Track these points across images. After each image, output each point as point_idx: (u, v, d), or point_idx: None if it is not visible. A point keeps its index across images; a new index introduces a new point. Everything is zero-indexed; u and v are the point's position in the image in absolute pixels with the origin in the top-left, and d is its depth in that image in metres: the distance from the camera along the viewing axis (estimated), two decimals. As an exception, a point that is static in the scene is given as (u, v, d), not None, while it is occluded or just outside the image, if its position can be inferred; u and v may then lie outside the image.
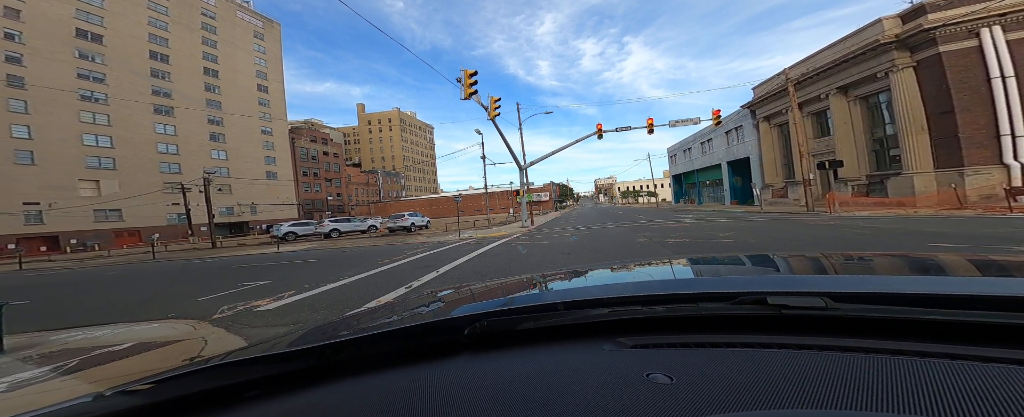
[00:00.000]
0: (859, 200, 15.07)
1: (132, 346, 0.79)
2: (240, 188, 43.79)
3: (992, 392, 0.31)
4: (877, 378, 0.35)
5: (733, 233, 8.45)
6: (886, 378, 0.35)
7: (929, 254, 0.92)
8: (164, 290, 5.95)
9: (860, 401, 0.32)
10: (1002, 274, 0.67)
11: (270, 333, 0.87)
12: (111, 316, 4.21)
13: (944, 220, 8.59)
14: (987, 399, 0.30)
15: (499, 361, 0.51)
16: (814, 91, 18.48)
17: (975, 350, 0.39)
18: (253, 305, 4.07)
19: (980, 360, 0.37)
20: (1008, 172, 12.15)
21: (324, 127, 76.37)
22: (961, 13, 12.47)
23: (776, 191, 22.52)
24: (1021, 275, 0.65)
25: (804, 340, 0.45)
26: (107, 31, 34.77)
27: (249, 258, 11.22)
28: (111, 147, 34.66)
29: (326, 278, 5.65)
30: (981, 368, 0.35)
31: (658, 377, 0.40)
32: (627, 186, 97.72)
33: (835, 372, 0.37)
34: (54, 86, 31.10)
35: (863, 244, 5.87)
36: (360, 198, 67.14)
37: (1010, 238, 5.37)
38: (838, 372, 0.37)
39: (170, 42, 39.27)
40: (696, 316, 0.55)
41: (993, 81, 12.36)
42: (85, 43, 33.46)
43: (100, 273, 9.80)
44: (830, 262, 0.91)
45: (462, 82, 12.91)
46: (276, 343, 0.61)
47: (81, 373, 0.57)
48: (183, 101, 39.84)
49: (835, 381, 0.35)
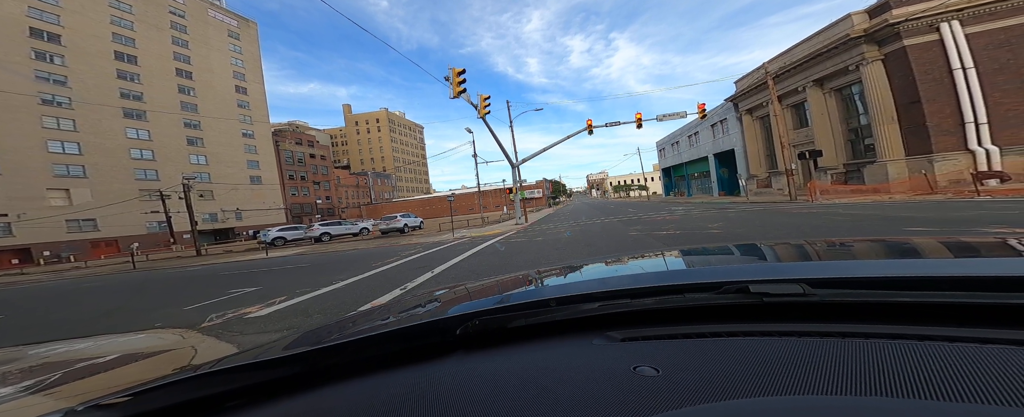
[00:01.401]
0: (838, 188, 15.65)
1: (117, 358, 0.76)
2: (223, 193, 42.33)
3: (960, 370, 0.32)
4: (851, 361, 0.36)
5: (721, 224, 8.67)
6: (859, 361, 0.36)
7: (903, 238, 0.95)
8: (148, 300, 5.74)
9: (835, 385, 0.32)
10: (970, 255, 0.70)
11: (263, 339, 0.86)
12: (93, 328, 4.05)
13: (917, 205, 8.99)
14: (956, 377, 0.31)
15: (490, 359, 0.51)
16: (792, 84, 19.05)
17: (945, 331, 0.40)
18: (243, 312, 3.98)
19: (949, 340, 0.37)
20: (974, 157, 12.83)
21: (310, 129, 74.42)
22: (921, 8, 13.13)
23: (761, 181, 23.19)
24: (988, 255, 0.67)
25: (785, 327, 0.46)
26: (65, 30, 32.80)
27: (237, 265, 10.91)
28: (79, 154, 32.92)
29: (318, 282, 5.56)
30: (950, 348, 0.36)
31: (645, 369, 0.41)
32: (618, 180, 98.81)
33: (812, 358, 0.38)
34: (10, 90, 29.22)
35: (843, 230, 6.09)
36: (350, 200, 65.87)
37: (978, 220, 5.64)
38: (815, 357, 0.38)
39: (137, 42, 37.38)
40: (683, 307, 0.56)
41: (954, 72, 13.03)
42: (41, 43, 31.48)
43: (78, 285, 9.37)
44: (810, 249, 0.94)
45: (450, 81, 12.77)
46: (269, 348, 0.60)
47: (62, 388, 0.55)
48: (156, 104, 38.09)
49: (812, 367, 0.36)
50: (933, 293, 0.44)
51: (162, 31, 39.81)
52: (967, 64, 12.92)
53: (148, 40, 38.32)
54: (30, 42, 30.98)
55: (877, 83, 14.67)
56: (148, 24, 38.52)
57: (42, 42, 31.56)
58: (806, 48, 17.75)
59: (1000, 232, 4.29)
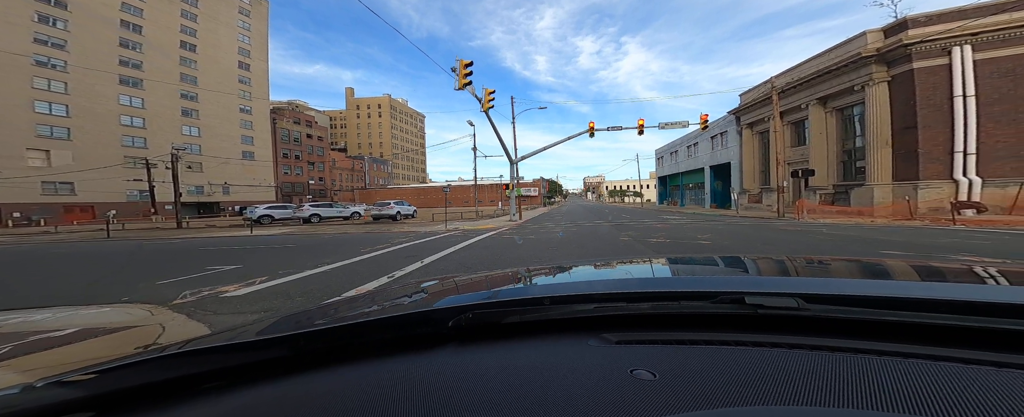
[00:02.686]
0: (825, 208, 16.00)
1: (77, 332, 0.71)
2: (213, 167, 41.42)
3: (944, 389, 0.33)
4: (840, 375, 0.37)
5: (710, 236, 8.77)
6: (848, 375, 0.37)
7: (885, 260, 1.00)
8: (118, 271, 5.54)
9: (825, 397, 0.34)
10: (945, 280, 0.76)
11: (237, 321, 0.81)
12: (55, 299, 3.85)
13: (895, 229, 9.22)
14: (939, 395, 0.33)
15: (484, 353, 0.50)
16: (796, 100, 19.26)
17: (927, 349, 0.41)
18: (220, 291, 3.86)
19: (933, 359, 0.39)
20: (957, 187, 13.17)
21: (309, 109, 72.95)
22: (939, 30, 13.21)
23: (752, 196, 23.54)
24: (966, 281, 0.72)
25: (777, 338, 0.47)
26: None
27: (218, 241, 10.66)
28: (66, 116, 31.92)
29: (303, 264, 5.44)
30: (935, 366, 0.37)
31: (641, 373, 0.41)
32: (615, 185, 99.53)
33: (803, 369, 0.39)
34: (5, 49, 28.15)
35: (827, 248, 6.26)
36: (344, 184, 65.04)
37: (950, 248, 5.87)
38: (806, 369, 0.39)
39: (145, 12, 36.56)
40: (678, 314, 0.57)
41: (955, 99, 13.25)
42: (47, 7, 30.63)
43: (46, 251, 9.03)
44: (801, 265, 0.97)
45: (457, 72, 12.60)
46: (244, 331, 0.58)
47: (11, 361, 0.51)
48: (155, 73, 37.15)
49: (803, 378, 0.37)
50: (920, 314, 0.46)
51: (173, 3, 38.95)
52: (969, 92, 13.09)
53: (157, 11, 37.48)
54: (36, 5, 30.08)
55: (879, 105, 14.84)
56: (159, -4, 37.63)
57: (48, 6, 30.69)
58: (815, 65, 17.87)
59: (968, 260, 4.46)
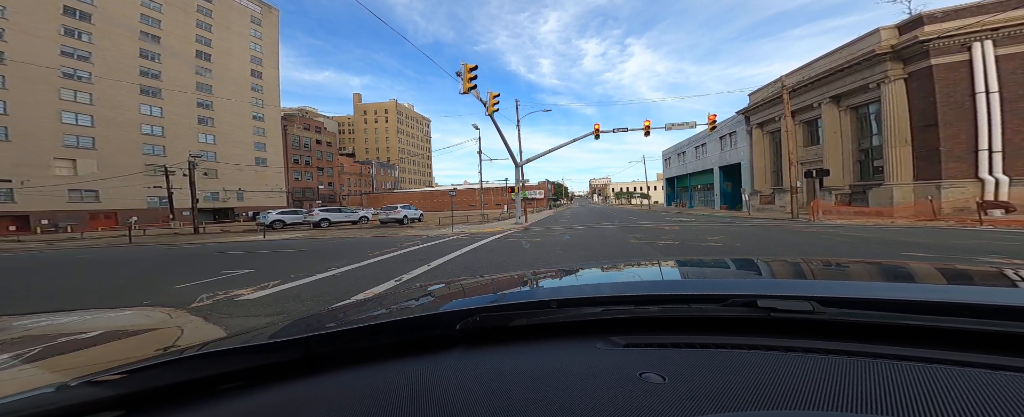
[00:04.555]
0: (841, 209, 15.48)
1: (101, 334, 0.75)
2: (227, 173, 42.64)
3: (963, 395, 0.33)
4: (857, 380, 0.36)
5: (721, 237, 8.58)
6: (865, 380, 0.36)
7: (906, 262, 0.96)
8: (139, 276, 5.74)
9: (841, 402, 0.33)
10: (973, 283, 0.72)
11: (251, 324, 0.83)
12: (82, 302, 4.04)
13: (918, 231, 8.85)
14: (957, 401, 0.32)
15: (493, 356, 0.50)
16: (808, 99, 18.82)
17: (948, 354, 0.40)
18: (235, 294, 3.96)
19: (953, 364, 0.38)
20: (982, 186, 12.61)
21: (318, 115, 74.66)
22: (956, 26, 12.68)
23: (764, 197, 23.00)
24: (991, 284, 0.69)
25: (790, 342, 0.47)
26: (96, 10, 33.51)
27: (233, 245, 10.94)
28: (91, 126, 33.37)
29: (313, 268, 5.54)
30: (954, 372, 0.36)
31: (651, 376, 0.41)
32: (621, 187, 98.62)
33: (818, 374, 0.38)
34: (35, 62, 29.72)
35: (845, 251, 6.03)
36: (352, 188, 66.10)
37: (978, 249, 5.59)
38: (821, 374, 0.38)
39: (163, 23, 38.23)
40: (687, 317, 0.56)
41: (977, 96, 12.72)
42: (72, 21, 32.34)
43: (73, 256, 9.43)
44: (815, 268, 0.94)
45: (462, 76, 12.74)
46: (257, 334, 0.60)
47: (43, 362, 0.54)
48: (173, 83, 38.60)
49: (818, 383, 0.36)
50: (941, 318, 0.45)
51: (188, 14, 40.54)
52: (992, 88, 12.56)
53: (173, 22, 39.06)
54: (62, 19, 31.75)
55: (896, 103, 14.37)
56: (176, 7, 39.29)
57: (74, 20, 32.38)
58: (827, 63, 17.44)
59: (998, 262, 4.26)
